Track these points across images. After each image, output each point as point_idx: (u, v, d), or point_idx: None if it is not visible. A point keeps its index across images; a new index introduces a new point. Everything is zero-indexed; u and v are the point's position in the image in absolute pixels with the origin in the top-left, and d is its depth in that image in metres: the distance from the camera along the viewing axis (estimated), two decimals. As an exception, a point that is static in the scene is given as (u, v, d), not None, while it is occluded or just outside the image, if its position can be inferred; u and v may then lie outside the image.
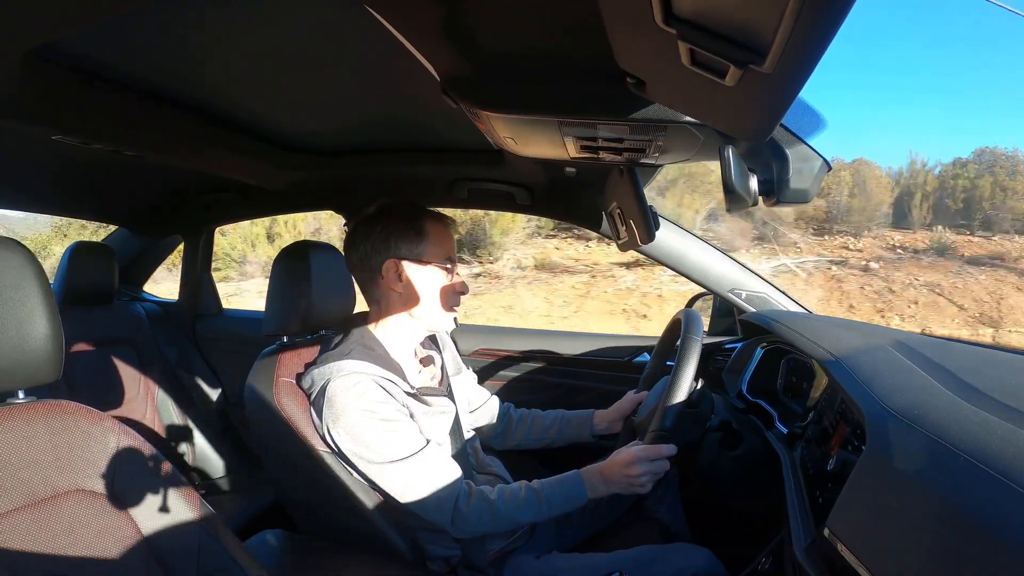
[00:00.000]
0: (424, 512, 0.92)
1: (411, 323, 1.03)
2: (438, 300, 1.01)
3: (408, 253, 0.99)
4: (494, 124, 0.82)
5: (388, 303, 1.02)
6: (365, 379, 0.92)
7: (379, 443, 0.90)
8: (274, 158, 1.32)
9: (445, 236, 1.02)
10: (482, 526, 0.93)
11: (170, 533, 0.69)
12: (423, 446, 0.93)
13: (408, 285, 1.00)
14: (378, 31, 0.67)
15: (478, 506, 0.92)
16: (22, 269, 0.63)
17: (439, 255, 1.00)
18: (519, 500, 0.94)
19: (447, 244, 1.02)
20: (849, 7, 0.33)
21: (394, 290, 1.00)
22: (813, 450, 0.85)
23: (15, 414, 0.63)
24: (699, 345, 0.97)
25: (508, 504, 0.94)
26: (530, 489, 0.96)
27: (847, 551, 0.53)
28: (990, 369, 0.79)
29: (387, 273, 0.99)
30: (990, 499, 0.42)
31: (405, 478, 0.91)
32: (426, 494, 0.91)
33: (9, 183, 1.52)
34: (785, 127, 0.69)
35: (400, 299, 1.01)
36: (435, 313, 1.02)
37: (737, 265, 1.46)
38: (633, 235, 1.09)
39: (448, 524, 0.92)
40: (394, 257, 0.98)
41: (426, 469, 0.92)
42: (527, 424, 1.29)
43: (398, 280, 0.99)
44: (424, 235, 0.99)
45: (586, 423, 1.26)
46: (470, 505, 0.92)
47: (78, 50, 0.80)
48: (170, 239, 2.13)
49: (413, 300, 1.00)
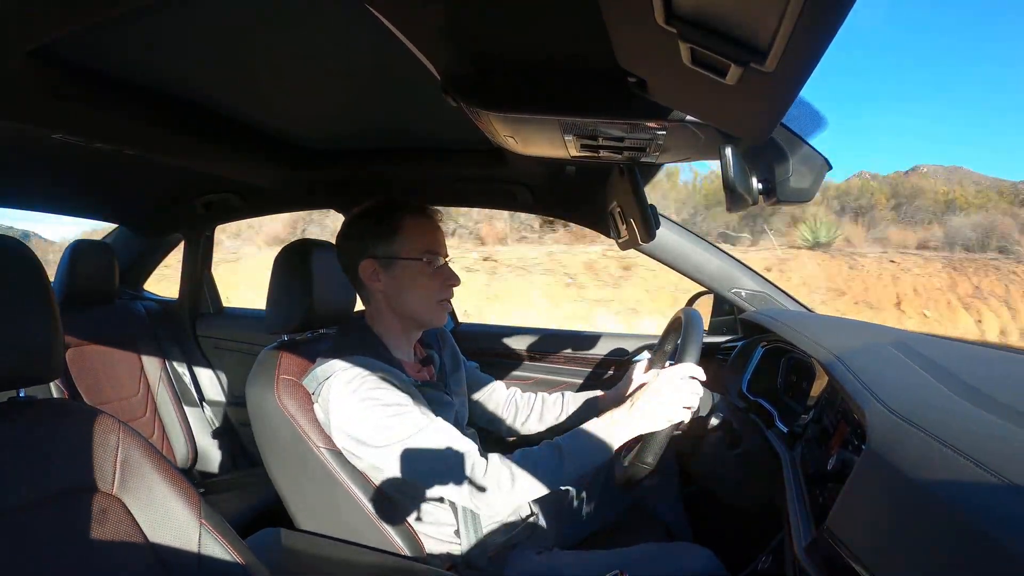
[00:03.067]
0: (438, 489, 0.90)
1: (402, 321, 1.03)
2: (422, 296, 1.00)
3: (383, 252, 0.98)
4: (494, 123, 0.82)
5: (376, 302, 1.02)
6: (366, 371, 0.92)
7: (383, 427, 0.89)
8: (275, 157, 1.32)
9: (424, 230, 1.00)
10: (503, 494, 0.87)
11: (170, 532, 0.69)
12: (428, 424, 0.90)
13: (388, 283, 0.99)
14: (378, 30, 0.67)
15: (495, 471, 0.88)
16: (22, 268, 0.63)
17: (416, 250, 0.99)
18: (537, 458, 0.90)
19: (427, 238, 1.00)
20: (850, 6, 0.33)
21: (377, 289, 1.00)
22: (813, 449, 0.85)
23: (15, 413, 0.63)
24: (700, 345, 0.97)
25: (526, 463, 0.89)
26: (549, 445, 0.91)
27: (847, 550, 0.53)
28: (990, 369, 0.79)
29: (364, 273, 0.99)
30: (990, 499, 0.42)
31: (413, 456, 0.89)
32: (437, 470, 0.89)
33: (10, 182, 1.52)
34: (786, 126, 0.69)
35: (385, 298, 1.01)
36: (421, 309, 1.01)
37: (737, 264, 1.46)
38: (633, 234, 1.09)
39: (467, 498, 0.88)
40: (370, 257, 0.98)
41: (434, 445, 0.89)
42: (535, 407, 1.26)
43: (377, 279, 0.99)
44: (399, 231, 0.98)
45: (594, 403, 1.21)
46: (486, 472, 0.88)
47: (78, 49, 0.80)
48: (170, 238, 2.14)
49: (396, 298, 1.00)
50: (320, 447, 0.95)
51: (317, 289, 1.09)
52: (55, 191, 1.67)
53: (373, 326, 1.04)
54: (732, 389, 1.29)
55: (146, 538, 0.68)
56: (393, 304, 1.01)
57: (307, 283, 1.09)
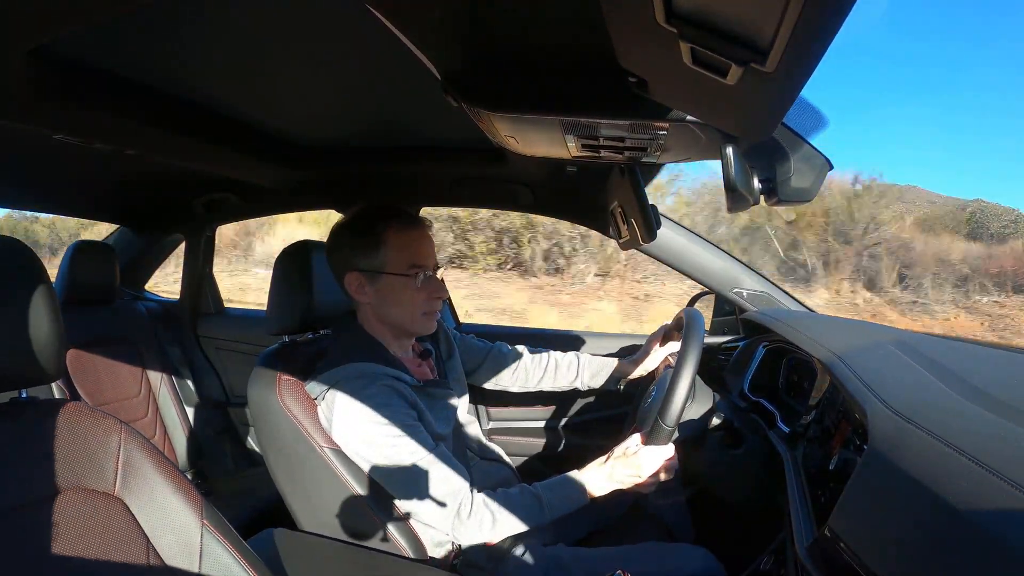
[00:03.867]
0: (424, 517, 0.93)
1: (392, 330, 1.03)
2: (408, 308, 0.99)
3: (367, 265, 0.97)
4: (495, 123, 0.82)
5: (364, 314, 1.02)
6: (372, 381, 0.92)
7: (384, 448, 0.91)
8: (275, 157, 1.32)
9: (409, 241, 0.98)
10: (481, 534, 0.92)
11: (172, 533, 0.69)
12: (427, 452, 0.92)
13: (374, 296, 0.98)
14: (378, 30, 0.67)
15: (478, 513, 0.92)
16: (23, 268, 0.63)
17: (401, 263, 0.97)
18: (518, 505, 0.94)
19: (412, 249, 0.98)
20: (851, 6, 0.32)
21: (364, 302, 1.00)
22: (815, 449, 0.85)
23: (16, 413, 0.63)
24: (700, 344, 0.97)
25: (507, 510, 0.93)
26: (530, 494, 0.95)
27: (849, 550, 0.53)
28: (991, 368, 0.79)
29: (350, 286, 0.99)
30: (991, 499, 0.42)
31: (407, 482, 0.91)
32: (427, 500, 0.91)
33: (10, 182, 1.52)
34: (787, 126, 0.69)
35: (372, 308, 1.00)
36: (407, 321, 1.01)
37: (738, 264, 1.45)
38: (635, 234, 1.09)
39: (448, 529, 0.92)
40: (354, 270, 0.97)
41: (429, 475, 0.91)
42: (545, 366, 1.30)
43: (363, 293, 0.98)
44: (383, 244, 0.97)
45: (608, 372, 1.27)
46: (471, 512, 0.92)
47: (79, 49, 0.80)
48: (171, 238, 2.14)
49: (383, 309, 1.00)
50: (322, 447, 0.95)
51: (317, 290, 1.09)
52: (55, 191, 1.67)
53: (366, 327, 1.04)
54: (734, 389, 1.29)
55: (148, 539, 0.68)
56: (380, 316, 1.01)
57: (307, 284, 1.09)
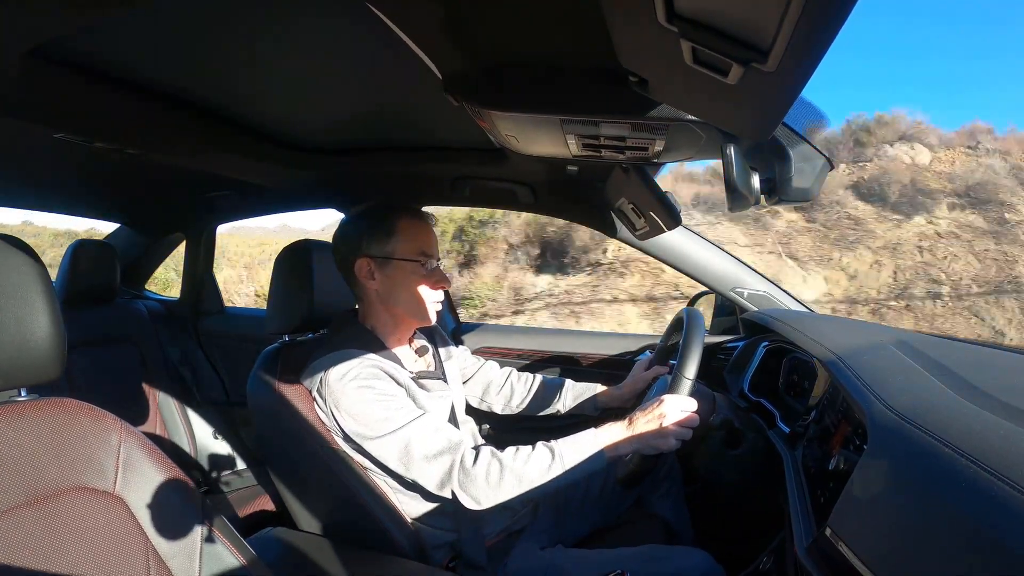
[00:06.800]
0: (428, 479, 0.90)
1: (394, 318, 1.06)
2: (414, 295, 1.03)
3: (378, 251, 1.02)
4: (496, 123, 0.82)
5: (369, 300, 1.05)
6: (363, 365, 0.94)
7: (376, 416, 0.91)
8: (276, 156, 1.32)
9: (418, 232, 1.04)
10: (491, 487, 0.87)
11: (172, 531, 0.69)
12: (420, 414, 0.93)
13: (382, 282, 1.02)
14: (380, 30, 0.67)
15: (484, 463, 0.88)
16: (24, 267, 0.63)
17: (411, 251, 1.02)
18: (528, 455, 0.89)
19: (420, 239, 1.04)
20: (851, 6, 0.32)
21: (371, 287, 1.03)
22: (815, 449, 0.85)
23: (17, 412, 0.63)
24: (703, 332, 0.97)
25: (517, 459, 0.89)
26: (542, 445, 0.91)
27: (848, 551, 0.53)
28: (992, 369, 0.79)
29: (360, 271, 1.02)
30: (991, 500, 0.42)
31: (405, 445, 0.90)
32: (428, 459, 0.90)
33: (11, 181, 1.52)
34: (787, 125, 0.69)
35: (378, 296, 1.04)
36: (412, 308, 1.04)
37: (739, 264, 1.45)
38: (655, 223, 1.11)
39: (456, 488, 0.89)
40: (365, 255, 1.02)
41: (425, 434, 0.91)
42: (530, 387, 1.31)
43: (371, 278, 1.02)
44: (394, 232, 1.02)
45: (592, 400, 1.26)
46: (476, 463, 0.88)
47: (79, 48, 0.80)
48: (172, 237, 2.14)
49: (389, 296, 1.03)
50: (322, 446, 0.95)
51: (318, 290, 1.10)
52: (56, 191, 1.67)
53: (365, 322, 1.06)
54: (734, 389, 1.29)
55: (147, 537, 0.68)
56: (386, 302, 1.04)
57: (307, 284, 1.09)
